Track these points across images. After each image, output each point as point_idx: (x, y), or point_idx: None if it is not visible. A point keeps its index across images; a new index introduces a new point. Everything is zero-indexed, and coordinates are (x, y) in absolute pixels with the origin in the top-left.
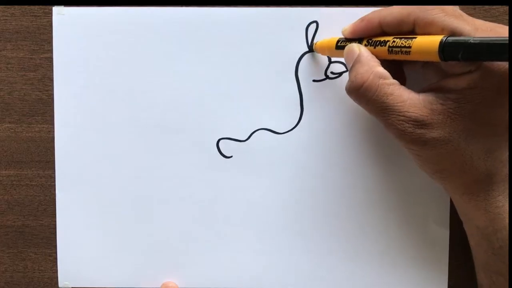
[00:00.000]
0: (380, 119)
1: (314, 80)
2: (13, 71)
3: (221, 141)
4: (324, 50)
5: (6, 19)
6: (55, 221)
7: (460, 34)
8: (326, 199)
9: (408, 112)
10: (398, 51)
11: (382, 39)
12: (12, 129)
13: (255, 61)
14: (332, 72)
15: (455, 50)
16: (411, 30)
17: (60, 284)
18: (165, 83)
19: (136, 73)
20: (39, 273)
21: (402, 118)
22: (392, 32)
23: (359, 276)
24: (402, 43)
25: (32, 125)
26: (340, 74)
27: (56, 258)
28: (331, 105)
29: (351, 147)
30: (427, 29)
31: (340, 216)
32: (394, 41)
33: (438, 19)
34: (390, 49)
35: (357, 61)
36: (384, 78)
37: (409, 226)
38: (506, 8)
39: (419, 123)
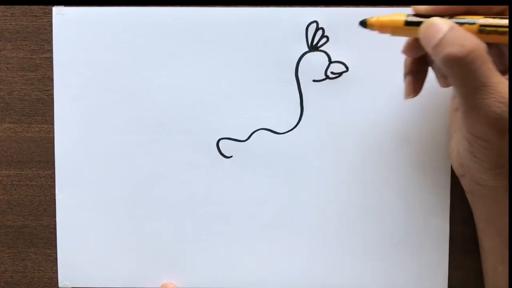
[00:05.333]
0: (472, 97)
1: (314, 80)
2: (13, 71)
3: (221, 141)
4: (386, 27)
5: (6, 19)
6: (55, 221)
7: None
8: (325, 199)
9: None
10: (493, 31)
11: (469, 17)
12: (12, 129)
13: (255, 61)
14: (332, 72)
15: None
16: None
17: (60, 284)
18: (165, 83)
19: (136, 73)
20: (39, 273)
21: (502, 100)
22: (481, 13)
23: (359, 275)
24: (497, 22)
25: (32, 125)
26: (340, 74)
27: (56, 258)
28: (331, 105)
29: (351, 146)
30: None
31: (339, 216)
32: (486, 20)
33: None
34: (481, 28)
35: (457, 29)
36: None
37: (409, 225)
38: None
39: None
